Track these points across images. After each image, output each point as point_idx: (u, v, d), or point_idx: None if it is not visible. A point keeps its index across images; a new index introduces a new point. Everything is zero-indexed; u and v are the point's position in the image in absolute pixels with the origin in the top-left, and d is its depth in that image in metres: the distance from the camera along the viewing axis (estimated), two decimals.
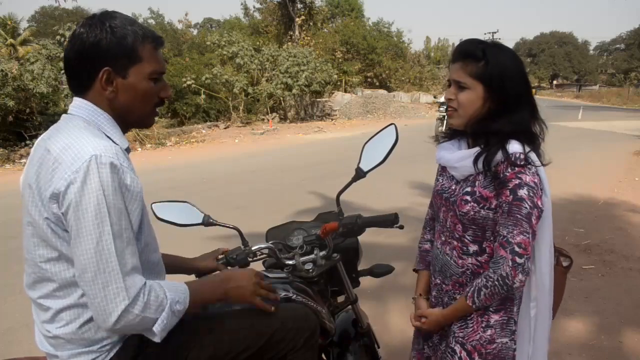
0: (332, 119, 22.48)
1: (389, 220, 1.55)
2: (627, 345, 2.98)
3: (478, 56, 1.32)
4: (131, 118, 1.21)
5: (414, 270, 1.72)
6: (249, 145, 13.80)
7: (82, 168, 1.02)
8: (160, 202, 1.72)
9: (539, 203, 1.29)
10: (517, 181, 1.29)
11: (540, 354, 1.47)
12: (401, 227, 1.55)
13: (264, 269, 1.70)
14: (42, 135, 1.19)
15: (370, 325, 1.93)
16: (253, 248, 1.61)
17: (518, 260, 1.27)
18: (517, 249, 1.26)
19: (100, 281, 1.03)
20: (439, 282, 1.54)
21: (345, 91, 27.06)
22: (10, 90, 12.03)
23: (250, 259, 1.62)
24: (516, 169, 1.29)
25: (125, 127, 1.22)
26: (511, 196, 1.28)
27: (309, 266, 1.63)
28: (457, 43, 1.56)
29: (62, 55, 15.07)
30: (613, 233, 5.21)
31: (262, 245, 1.62)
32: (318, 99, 23.55)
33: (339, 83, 26.14)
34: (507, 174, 1.30)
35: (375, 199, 6.29)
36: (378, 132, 1.60)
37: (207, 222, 1.71)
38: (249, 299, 1.29)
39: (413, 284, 1.80)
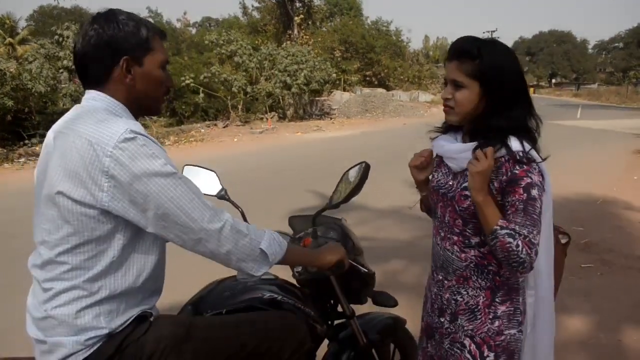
0: (331, 118, 22.46)
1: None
2: (625, 343, 2.98)
3: (473, 54, 1.32)
4: (145, 104, 1.30)
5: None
6: (248, 144, 13.79)
7: (125, 140, 1.09)
8: (192, 165, 1.80)
9: (543, 200, 1.33)
10: (528, 180, 1.30)
11: (546, 338, 1.48)
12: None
13: None
14: (58, 127, 1.22)
15: (375, 342, 1.80)
16: None
17: (534, 257, 1.28)
18: (537, 249, 1.28)
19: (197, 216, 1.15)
20: (441, 278, 1.52)
21: (344, 90, 27.04)
22: (9, 89, 12.03)
23: None
24: (524, 167, 1.31)
25: (136, 116, 1.29)
26: (525, 194, 1.30)
27: (298, 268, 1.58)
28: None
29: (60, 54, 15.15)
30: (612, 231, 5.22)
31: None
32: (317, 98, 23.54)
33: (337, 82, 26.11)
34: (517, 172, 1.31)
35: (374, 196, 6.27)
36: (355, 166, 1.63)
37: (220, 195, 1.80)
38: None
39: (413, 282, 1.79)
